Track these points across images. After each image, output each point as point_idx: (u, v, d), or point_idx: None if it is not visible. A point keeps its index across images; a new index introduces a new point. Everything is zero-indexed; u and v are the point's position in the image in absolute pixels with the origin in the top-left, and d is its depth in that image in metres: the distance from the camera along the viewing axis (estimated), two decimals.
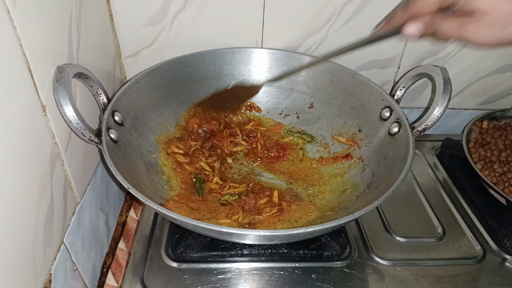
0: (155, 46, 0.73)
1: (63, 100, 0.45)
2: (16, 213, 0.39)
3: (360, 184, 0.62)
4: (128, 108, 0.60)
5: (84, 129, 0.48)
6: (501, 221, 0.66)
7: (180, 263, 0.57)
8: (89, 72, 0.51)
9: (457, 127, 0.91)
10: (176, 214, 0.45)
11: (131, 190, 0.46)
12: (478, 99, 0.86)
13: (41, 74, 0.43)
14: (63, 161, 0.49)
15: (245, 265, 0.57)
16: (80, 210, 0.55)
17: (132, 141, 0.60)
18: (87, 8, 0.55)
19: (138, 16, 0.69)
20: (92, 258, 0.60)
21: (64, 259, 0.50)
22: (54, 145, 0.47)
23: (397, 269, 0.58)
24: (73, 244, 0.52)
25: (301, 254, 0.58)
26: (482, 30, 0.40)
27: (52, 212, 0.46)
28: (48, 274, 0.46)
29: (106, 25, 0.66)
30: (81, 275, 0.56)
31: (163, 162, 0.64)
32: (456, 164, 0.78)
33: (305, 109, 0.75)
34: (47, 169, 0.45)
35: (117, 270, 0.64)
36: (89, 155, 0.58)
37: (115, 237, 0.69)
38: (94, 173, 0.60)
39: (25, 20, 0.39)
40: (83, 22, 0.54)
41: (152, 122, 0.66)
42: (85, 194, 0.56)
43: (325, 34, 0.73)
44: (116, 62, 0.72)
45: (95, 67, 0.60)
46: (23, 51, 0.39)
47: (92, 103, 0.57)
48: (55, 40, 0.46)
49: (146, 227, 0.63)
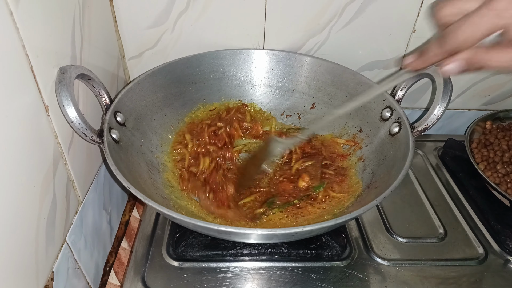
0: (158, 47, 0.74)
1: (65, 100, 0.46)
2: (18, 211, 0.40)
3: (360, 184, 0.62)
4: (130, 109, 0.61)
5: (86, 129, 0.49)
6: (504, 222, 0.65)
7: (181, 262, 0.57)
8: (92, 73, 0.52)
9: (460, 127, 0.90)
10: (176, 213, 0.45)
11: (132, 189, 0.46)
12: (481, 99, 0.85)
13: (44, 75, 0.44)
14: (66, 161, 0.50)
15: (246, 264, 0.57)
16: (83, 209, 0.55)
17: (134, 142, 0.60)
18: (90, 9, 0.56)
19: (141, 17, 0.70)
20: (95, 257, 0.61)
21: (67, 257, 0.51)
22: (56, 145, 0.48)
23: (398, 269, 0.58)
24: (75, 242, 0.53)
25: (301, 254, 0.58)
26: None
27: (54, 210, 0.47)
28: (50, 272, 0.47)
29: (109, 26, 0.67)
30: (84, 274, 0.56)
31: (167, 160, 0.66)
32: (458, 165, 0.77)
33: (307, 110, 0.75)
34: (50, 169, 0.46)
35: (119, 269, 0.64)
36: (92, 155, 0.59)
37: (118, 236, 0.70)
38: (97, 173, 0.61)
39: (28, 21, 0.40)
40: (86, 24, 0.55)
41: (154, 122, 0.67)
42: (88, 194, 0.57)
43: (327, 35, 0.74)
44: (120, 63, 0.73)
45: (99, 68, 0.60)
46: (26, 52, 0.40)
47: (94, 103, 0.58)
48: (58, 42, 0.47)
49: (148, 226, 0.63)
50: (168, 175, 0.64)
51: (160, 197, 0.57)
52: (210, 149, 0.67)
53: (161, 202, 0.55)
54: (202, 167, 0.65)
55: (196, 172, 0.64)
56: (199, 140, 0.69)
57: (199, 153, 0.67)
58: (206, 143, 0.68)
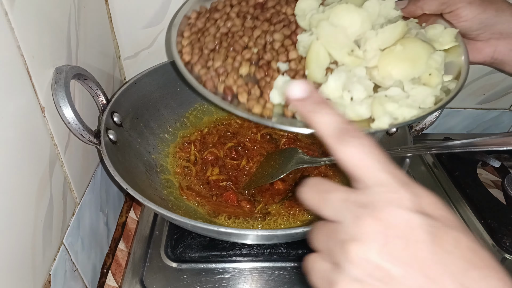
0: (154, 47, 0.73)
1: (61, 101, 0.45)
2: (15, 214, 0.39)
3: None
4: (127, 109, 0.61)
5: (83, 130, 0.48)
6: (501, 220, 0.66)
7: (179, 263, 0.57)
8: (88, 73, 0.52)
9: (457, 126, 0.91)
10: (175, 214, 0.45)
11: (130, 191, 0.46)
12: (477, 98, 0.86)
13: (39, 76, 0.43)
14: (63, 162, 0.50)
15: (244, 265, 0.57)
16: (80, 211, 0.55)
17: (131, 142, 0.60)
18: (85, 9, 0.55)
19: (137, 17, 0.69)
20: (92, 259, 0.60)
21: (64, 259, 0.50)
22: (53, 146, 0.47)
23: None
24: (72, 244, 0.53)
25: (300, 254, 0.58)
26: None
27: (51, 213, 0.47)
28: (48, 275, 0.46)
29: (105, 26, 0.67)
30: (81, 276, 0.56)
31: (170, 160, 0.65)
32: (455, 164, 0.78)
33: None
34: (46, 170, 0.45)
35: (117, 271, 0.64)
36: (89, 156, 0.59)
37: (115, 237, 0.69)
38: (94, 174, 0.60)
39: (23, 22, 0.39)
40: (82, 24, 0.54)
41: (151, 123, 0.66)
42: (84, 195, 0.57)
43: None
44: (115, 63, 0.72)
45: (94, 68, 0.60)
46: (21, 53, 0.39)
47: (91, 104, 0.57)
48: (53, 42, 0.46)
49: (146, 227, 0.63)
50: (166, 176, 0.63)
51: (158, 198, 0.57)
52: (226, 164, 0.66)
53: (160, 203, 0.55)
54: (210, 175, 0.64)
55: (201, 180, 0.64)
56: (211, 151, 0.67)
57: (208, 161, 0.66)
58: (218, 156, 0.67)
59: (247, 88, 0.46)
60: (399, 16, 0.47)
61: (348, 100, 0.41)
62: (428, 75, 0.42)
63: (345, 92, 0.41)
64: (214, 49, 0.50)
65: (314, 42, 0.44)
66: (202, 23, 0.53)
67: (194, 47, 0.50)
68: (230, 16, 0.53)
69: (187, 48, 0.50)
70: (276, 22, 0.52)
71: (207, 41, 0.50)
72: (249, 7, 0.54)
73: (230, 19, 0.52)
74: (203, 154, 0.67)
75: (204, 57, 0.49)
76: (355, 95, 0.41)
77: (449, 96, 0.41)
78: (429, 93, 0.41)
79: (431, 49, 0.43)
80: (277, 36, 0.49)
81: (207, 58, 0.49)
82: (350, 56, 0.43)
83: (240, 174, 0.65)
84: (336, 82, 0.41)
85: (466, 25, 0.48)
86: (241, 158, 0.67)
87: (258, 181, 0.62)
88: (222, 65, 0.48)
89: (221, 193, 0.61)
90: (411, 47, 0.42)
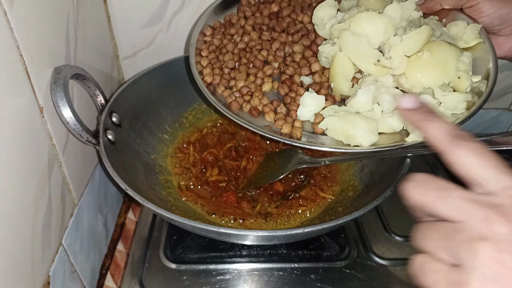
0: (152, 47, 0.73)
1: (60, 101, 0.45)
2: (13, 215, 0.39)
3: (359, 184, 0.62)
4: (125, 109, 0.60)
5: (81, 130, 0.48)
6: None
7: (178, 264, 0.57)
8: (87, 73, 0.51)
9: None
10: (174, 215, 0.45)
11: (129, 191, 0.46)
12: None
13: (38, 76, 0.43)
14: (61, 163, 0.49)
15: (244, 266, 0.57)
16: (79, 212, 0.55)
17: (130, 142, 0.60)
18: (84, 9, 0.55)
19: (135, 17, 0.69)
20: (91, 260, 0.60)
21: (63, 260, 0.50)
22: (51, 146, 0.47)
23: (396, 268, 0.58)
24: (71, 245, 0.52)
25: (300, 255, 0.58)
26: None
27: (50, 213, 0.46)
28: (47, 276, 0.46)
29: (103, 26, 0.66)
30: (80, 277, 0.56)
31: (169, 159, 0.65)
32: None
33: None
34: (45, 171, 0.45)
35: (116, 272, 0.64)
36: (87, 156, 0.58)
37: (113, 238, 0.69)
38: (92, 175, 0.60)
39: (22, 22, 0.39)
40: (81, 24, 0.54)
41: (150, 123, 0.66)
42: (83, 196, 0.56)
43: None
44: (114, 63, 0.72)
45: (93, 68, 0.59)
46: (20, 53, 0.39)
47: (89, 104, 0.57)
48: (52, 42, 0.46)
49: (145, 228, 0.63)
50: (165, 177, 0.63)
51: (157, 199, 0.57)
52: (226, 165, 0.66)
53: (159, 203, 0.55)
54: (209, 175, 0.64)
55: (200, 181, 0.63)
56: (211, 152, 0.67)
57: (208, 161, 0.66)
58: (218, 157, 0.67)
59: (273, 106, 0.46)
60: (419, 15, 0.46)
61: (379, 112, 0.40)
62: (457, 79, 0.41)
63: (375, 105, 0.40)
64: (234, 67, 0.50)
65: (338, 54, 0.44)
66: (218, 40, 0.53)
67: (214, 67, 0.50)
68: (246, 30, 0.53)
69: (208, 69, 0.50)
70: (294, 32, 0.51)
71: (226, 60, 0.50)
72: (263, 17, 0.54)
73: (246, 33, 0.52)
74: (203, 155, 0.67)
75: (225, 76, 0.49)
76: (385, 107, 0.40)
77: (481, 100, 0.41)
78: (461, 99, 0.40)
79: (459, 51, 0.42)
80: (296, 48, 0.49)
81: (228, 77, 0.49)
82: (376, 66, 0.42)
83: (240, 175, 0.64)
84: (366, 96, 0.40)
85: (487, 20, 0.46)
86: (241, 158, 0.66)
87: (258, 182, 0.61)
88: (245, 85, 0.48)
89: (221, 194, 0.61)
90: (438, 52, 0.41)
